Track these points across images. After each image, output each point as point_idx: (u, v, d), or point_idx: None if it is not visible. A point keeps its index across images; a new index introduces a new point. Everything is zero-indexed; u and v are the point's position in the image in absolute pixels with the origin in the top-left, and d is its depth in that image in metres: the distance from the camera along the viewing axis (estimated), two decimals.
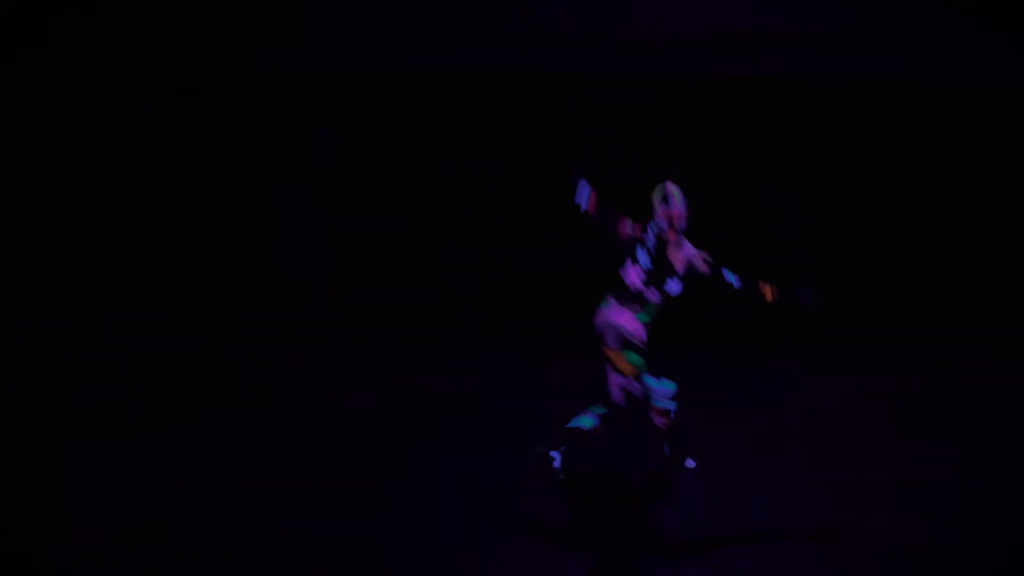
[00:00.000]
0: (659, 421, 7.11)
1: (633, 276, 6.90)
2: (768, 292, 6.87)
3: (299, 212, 10.90)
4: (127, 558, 6.11)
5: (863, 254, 10.39)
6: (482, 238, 10.71)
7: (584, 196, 7.06)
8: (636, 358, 6.89)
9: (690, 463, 7.22)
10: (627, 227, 6.98)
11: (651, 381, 6.97)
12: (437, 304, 10.61)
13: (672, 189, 6.90)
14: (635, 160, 10.53)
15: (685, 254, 6.91)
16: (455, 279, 10.69)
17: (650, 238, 6.90)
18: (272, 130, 10.77)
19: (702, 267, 6.90)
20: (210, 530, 6.45)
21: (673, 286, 6.88)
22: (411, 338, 10.21)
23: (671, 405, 7.05)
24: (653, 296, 6.88)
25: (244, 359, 9.62)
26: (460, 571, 6.05)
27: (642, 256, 6.90)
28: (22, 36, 10.41)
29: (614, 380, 6.96)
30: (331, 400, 8.64)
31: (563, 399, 8.56)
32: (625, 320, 6.89)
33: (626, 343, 6.87)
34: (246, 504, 6.78)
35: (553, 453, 6.96)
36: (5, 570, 5.97)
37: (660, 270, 6.86)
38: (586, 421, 6.95)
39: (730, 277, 6.88)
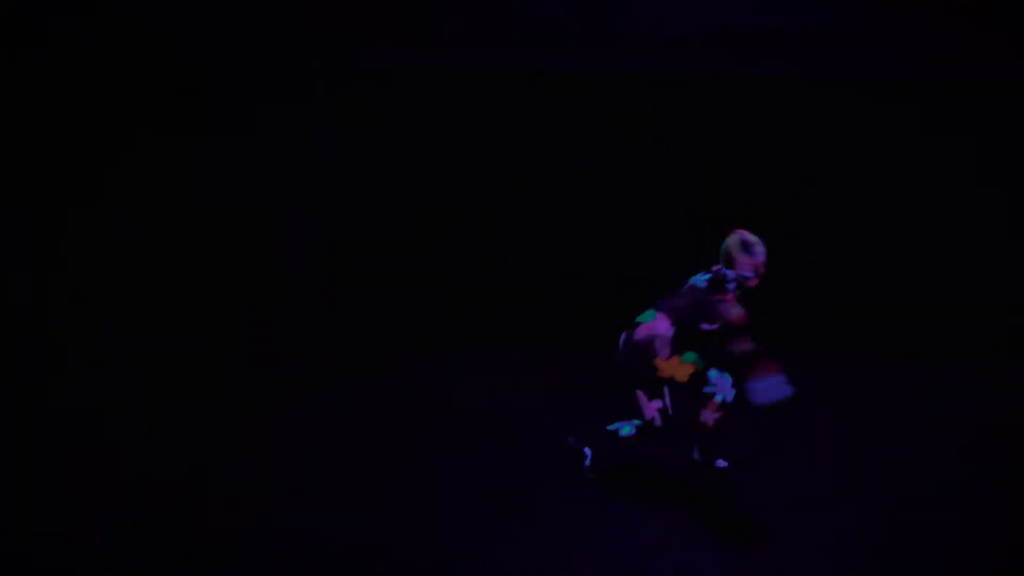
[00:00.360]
0: (708, 417, 6.90)
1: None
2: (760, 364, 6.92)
3: (299, 212, 10.90)
4: (127, 558, 6.10)
5: (863, 254, 10.38)
6: (482, 238, 10.71)
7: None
8: (691, 355, 6.78)
9: (721, 463, 7.18)
10: (736, 314, 6.62)
11: (713, 374, 6.87)
12: (437, 304, 10.61)
13: (751, 238, 6.68)
14: (635, 160, 10.53)
15: None
16: (455, 279, 10.69)
17: (732, 288, 6.73)
18: (272, 130, 10.77)
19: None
20: (210, 530, 6.45)
21: None
22: (411, 338, 10.21)
23: (731, 395, 6.89)
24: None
25: (244, 359, 9.62)
26: (460, 571, 6.05)
27: None
28: (22, 36, 10.41)
29: (651, 405, 6.82)
30: (331, 400, 8.64)
31: (563, 399, 8.59)
32: (664, 328, 6.77)
33: (675, 346, 6.76)
34: (246, 504, 6.78)
35: (586, 450, 6.98)
36: (5, 570, 5.97)
37: None
38: (625, 429, 6.94)
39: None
